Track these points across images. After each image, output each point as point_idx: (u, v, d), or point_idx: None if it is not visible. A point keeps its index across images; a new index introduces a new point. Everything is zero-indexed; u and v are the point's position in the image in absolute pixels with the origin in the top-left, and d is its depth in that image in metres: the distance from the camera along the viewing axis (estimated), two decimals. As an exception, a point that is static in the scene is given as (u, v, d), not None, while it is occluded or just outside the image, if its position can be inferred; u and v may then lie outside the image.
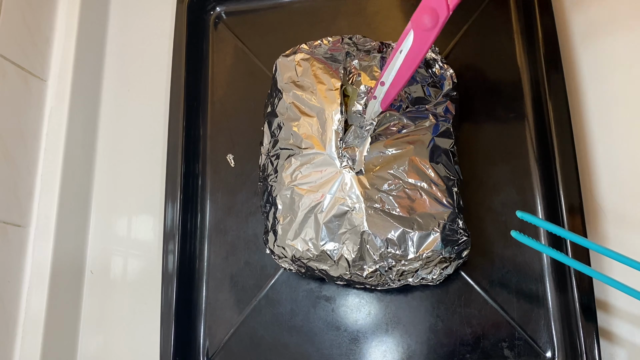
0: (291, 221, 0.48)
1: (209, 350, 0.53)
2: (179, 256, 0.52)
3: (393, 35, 0.58)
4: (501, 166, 0.53)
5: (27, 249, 0.55)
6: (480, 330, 0.49)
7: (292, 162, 0.49)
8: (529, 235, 0.50)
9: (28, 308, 0.53)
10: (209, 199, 0.57)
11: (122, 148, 0.61)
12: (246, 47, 0.61)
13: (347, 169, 0.47)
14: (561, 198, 0.48)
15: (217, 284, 0.54)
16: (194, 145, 0.57)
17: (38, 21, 0.59)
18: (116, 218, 0.59)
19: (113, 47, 0.65)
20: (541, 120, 0.52)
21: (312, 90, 0.50)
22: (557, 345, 0.48)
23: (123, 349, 0.56)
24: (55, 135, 0.58)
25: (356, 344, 0.50)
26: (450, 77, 0.51)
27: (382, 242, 0.45)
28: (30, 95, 0.57)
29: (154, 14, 0.65)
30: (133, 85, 0.63)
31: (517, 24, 0.57)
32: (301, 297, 0.52)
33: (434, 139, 0.48)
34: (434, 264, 0.46)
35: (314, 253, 0.47)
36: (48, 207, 0.55)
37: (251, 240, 0.55)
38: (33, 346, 0.52)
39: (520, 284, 0.50)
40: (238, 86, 0.60)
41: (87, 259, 0.59)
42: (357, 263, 0.46)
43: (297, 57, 0.53)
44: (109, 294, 0.57)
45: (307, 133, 0.49)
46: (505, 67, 0.56)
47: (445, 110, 0.49)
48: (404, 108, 0.49)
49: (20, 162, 0.55)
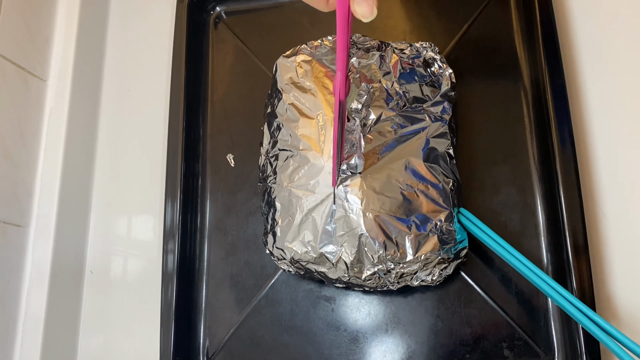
0: (290, 223, 0.48)
1: (209, 350, 0.53)
2: (179, 256, 0.52)
3: (393, 34, 0.58)
4: (501, 166, 0.53)
5: (27, 249, 0.55)
6: (480, 331, 0.49)
7: (291, 164, 0.49)
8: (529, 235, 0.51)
9: (28, 308, 0.53)
10: (209, 199, 0.57)
11: (122, 148, 0.61)
12: (246, 47, 0.61)
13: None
14: (561, 198, 0.48)
15: (217, 284, 0.54)
16: (194, 145, 0.57)
17: (38, 21, 0.59)
18: (116, 218, 0.59)
19: (113, 47, 0.65)
20: (541, 120, 0.52)
21: (313, 92, 0.50)
22: (557, 345, 0.48)
23: (123, 349, 0.56)
24: (55, 135, 0.58)
25: (356, 344, 0.50)
26: (449, 76, 0.51)
27: (379, 244, 0.45)
28: (30, 95, 0.57)
29: (154, 14, 0.65)
30: (133, 85, 0.63)
31: (517, 24, 0.56)
32: (301, 297, 0.52)
33: (430, 139, 0.48)
34: (432, 265, 0.46)
35: (312, 255, 0.47)
36: (48, 207, 0.55)
37: (251, 240, 0.55)
38: (33, 346, 0.52)
39: (520, 284, 0.50)
40: (238, 86, 0.60)
41: (87, 259, 0.59)
42: (355, 266, 0.46)
43: (298, 58, 0.53)
44: (109, 294, 0.57)
45: (305, 134, 0.49)
46: (505, 67, 0.55)
47: (443, 110, 0.49)
48: (401, 107, 0.49)
49: (20, 162, 0.55)
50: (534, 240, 0.51)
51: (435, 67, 0.52)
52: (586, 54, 0.56)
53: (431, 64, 0.52)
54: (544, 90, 0.51)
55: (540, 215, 0.51)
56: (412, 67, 0.51)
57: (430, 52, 0.52)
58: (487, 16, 0.57)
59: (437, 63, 0.52)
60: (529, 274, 0.45)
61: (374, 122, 0.48)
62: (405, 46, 0.53)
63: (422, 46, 0.53)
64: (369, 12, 0.32)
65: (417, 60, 0.52)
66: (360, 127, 0.48)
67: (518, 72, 0.55)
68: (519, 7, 0.56)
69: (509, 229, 0.51)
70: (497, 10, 0.57)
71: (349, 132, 0.48)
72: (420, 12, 0.59)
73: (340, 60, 0.36)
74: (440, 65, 0.52)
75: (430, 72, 0.51)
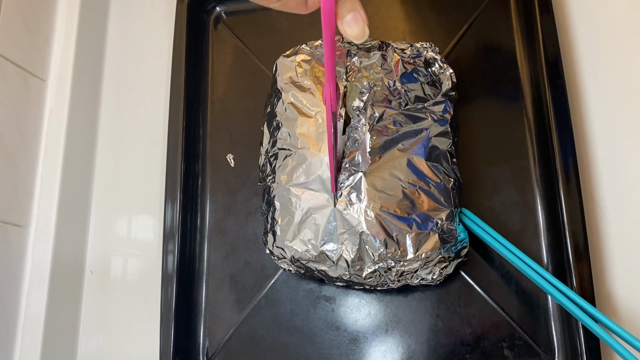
0: (289, 222, 0.48)
1: (208, 350, 0.53)
2: (178, 256, 0.52)
3: (393, 34, 0.58)
4: (501, 166, 0.53)
5: (27, 249, 0.55)
6: (480, 330, 0.49)
7: (289, 163, 0.49)
8: (529, 235, 0.51)
9: (28, 308, 0.53)
10: (209, 199, 0.57)
11: (122, 148, 0.61)
12: (246, 47, 0.61)
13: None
14: (561, 198, 0.48)
15: (217, 284, 0.54)
16: (194, 145, 0.57)
17: (38, 21, 0.59)
18: (116, 218, 0.59)
19: (113, 47, 0.65)
20: (541, 120, 0.52)
21: (312, 91, 0.50)
22: (557, 345, 0.48)
23: (123, 349, 0.56)
24: (55, 135, 0.58)
25: (356, 344, 0.50)
26: (450, 76, 0.51)
27: (380, 242, 0.45)
28: (30, 95, 0.57)
29: (154, 14, 0.65)
30: (133, 85, 0.63)
31: (517, 24, 0.56)
32: (301, 297, 0.52)
33: (432, 138, 0.48)
34: (433, 263, 0.46)
35: (312, 254, 0.47)
36: (48, 207, 0.55)
37: (251, 240, 0.55)
38: (33, 346, 0.52)
39: (520, 284, 0.50)
40: (238, 86, 0.60)
41: (87, 259, 0.59)
42: (356, 264, 0.46)
43: (298, 58, 0.53)
44: (109, 294, 0.57)
45: (304, 133, 0.49)
46: (505, 67, 0.56)
47: (444, 110, 0.49)
48: (403, 106, 0.49)
49: (20, 162, 0.55)
50: (534, 240, 0.51)
51: (435, 67, 0.52)
52: (586, 54, 0.56)
53: (432, 63, 0.52)
54: (544, 90, 0.51)
55: (540, 215, 0.51)
56: (413, 66, 0.51)
57: (431, 52, 0.52)
58: (487, 16, 0.57)
59: (437, 63, 0.52)
60: (531, 272, 0.45)
61: (377, 120, 0.48)
62: (405, 46, 0.53)
63: (423, 46, 0.53)
64: (360, 33, 0.31)
65: (418, 60, 0.52)
66: (362, 125, 0.48)
67: (518, 72, 0.55)
68: (519, 7, 0.56)
69: (509, 228, 0.51)
70: (497, 10, 0.57)
71: (351, 129, 0.48)
72: (420, 12, 0.59)
73: (329, 72, 0.36)
74: (441, 65, 0.52)
75: (431, 72, 0.51)
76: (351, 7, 0.31)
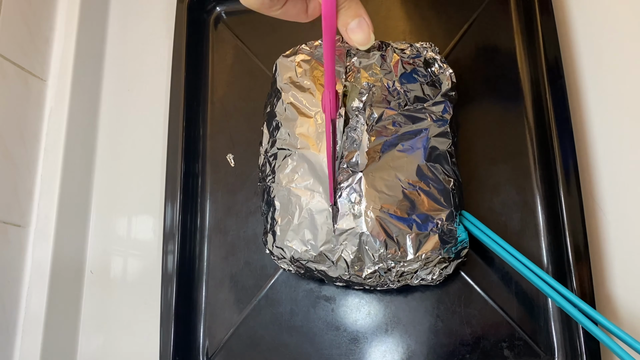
0: (289, 222, 0.48)
1: (208, 350, 0.53)
2: (178, 256, 0.52)
3: (393, 34, 0.58)
4: (501, 166, 0.53)
5: (27, 249, 0.55)
6: (480, 331, 0.49)
7: (289, 163, 0.49)
8: (529, 235, 0.51)
9: (28, 308, 0.53)
10: (209, 199, 0.57)
11: (122, 148, 0.61)
12: (246, 47, 0.61)
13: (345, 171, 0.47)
14: (561, 198, 0.48)
15: (217, 284, 0.54)
16: (194, 145, 0.57)
17: (38, 21, 0.59)
18: (116, 218, 0.59)
19: (113, 47, 0.65)
20: (541, 120, 0.52)
21: (311, 91, 0.50)
22: (557, 345, 0.48)
23: (123, 349, 0.56)
24: (55, 135, 0.58)
25: (356, 344, 0.50)
26: (449, 76, 0.51)
27: (380, 243, 0.45)
28: (30, 95, 0.57)
29: (154, 14, 0.65)
30: (133, 85, 0.63)
31: (517, 24, 0.56)
32: (301, 297, 0.52)
33: (432, 139, 0.48)
34: (433, 264, 0.46)
35: (312, 254, 0.47)
36: (48, 207, 0.55)
37: (251, 240, 0.55)
38: (33, 346, 0.52)
39: (520, 284, 0.50)
40: (238, 86, 0.60)
41: (87, 259, 0.59)
42: (355, 264, 0.46)
43: (298, 57, 0.53)
44: (109, 294, 0.57)
45: (303, 133, 0.49)
46: (505, 67, 0.55)
47: (444, 110, 0.49)
48: (402, 106, 0.49)
49: (20, 162, 0.55)
50: (534, 240, 0.51)
51: (435, 67, 0.52)
52: (586, 54, 0.56)
53: (431, 64, 0.52)
54: (544, 90, 0.51)
55: (540, 215, 0.51)
56: (413, 66, 0.51)
57: (431, 52, 0.52)
58: (487, 16, 0.57)
59: (437, 63, 0.52)
60: (531, 275, 0.45)
61: (376, 120, 0.48)
62: (405, 46, 0.53)
63: (422, 46, 0.53)
64: (365, 40, 0.31)
65: (417, 60, 0.52)
66: (361, 125, 0.48)
67: (518, 72, 0.55)
68: (519, 7, 0.56)
69: (509, 229, 0.51)
70: (497, 10, 0.57)
71: (350, 130, 0.48)
72: (420, 12, 0.59)
73: (329, 79, 0.36)
74: (441, 65, 0.52)
75: (430, 72, 0.51)
76: (355, 14, 0.30)
